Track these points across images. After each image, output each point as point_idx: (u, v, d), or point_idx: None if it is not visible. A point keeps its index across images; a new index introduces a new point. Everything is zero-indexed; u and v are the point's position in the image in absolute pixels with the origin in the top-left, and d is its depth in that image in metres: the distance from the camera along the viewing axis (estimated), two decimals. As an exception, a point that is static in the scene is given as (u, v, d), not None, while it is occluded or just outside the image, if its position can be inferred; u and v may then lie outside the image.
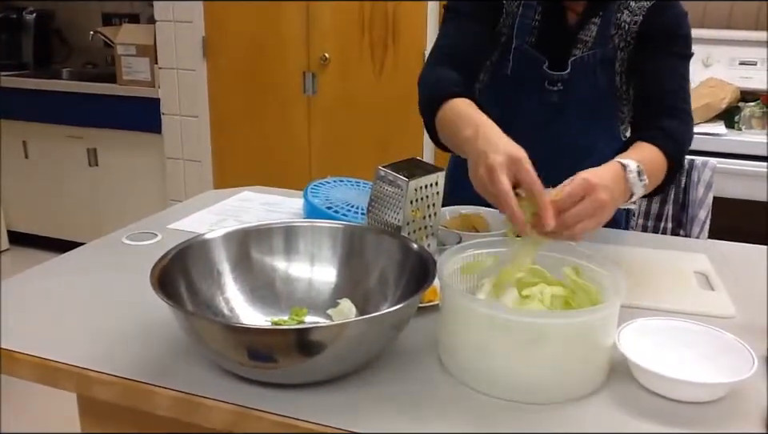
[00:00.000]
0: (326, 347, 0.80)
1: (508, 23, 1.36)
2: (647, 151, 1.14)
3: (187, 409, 0.83)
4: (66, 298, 1.07)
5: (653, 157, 1.13)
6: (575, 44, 1.34)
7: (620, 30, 1.32)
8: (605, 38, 1.32)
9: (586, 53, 1.33)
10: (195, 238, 1.00)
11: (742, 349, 0.86)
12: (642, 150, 1.13)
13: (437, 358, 0.91)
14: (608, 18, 1.32)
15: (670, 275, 1.19)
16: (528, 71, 1.36)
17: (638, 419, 0.80)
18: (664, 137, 1.17)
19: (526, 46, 1.35)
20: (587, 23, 1.33)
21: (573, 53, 1.34)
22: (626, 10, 1.32)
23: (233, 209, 1.49)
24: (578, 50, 1.34)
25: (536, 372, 0.82)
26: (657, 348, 0.89)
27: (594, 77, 1.34)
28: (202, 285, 0.97)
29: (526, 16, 1.35)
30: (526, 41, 1.35)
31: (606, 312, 0.84)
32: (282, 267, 1.04)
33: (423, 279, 0.88)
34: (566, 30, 1.35)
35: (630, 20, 1.31)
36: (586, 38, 1.34)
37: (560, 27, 1.35)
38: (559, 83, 1.34)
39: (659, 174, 1.15)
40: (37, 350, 0.91)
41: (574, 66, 1.33)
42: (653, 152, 1.14)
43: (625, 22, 1.32)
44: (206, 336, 0.84)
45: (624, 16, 1.32)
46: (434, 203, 1.14)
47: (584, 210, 0.92)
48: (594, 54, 1.33)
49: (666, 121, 1.22)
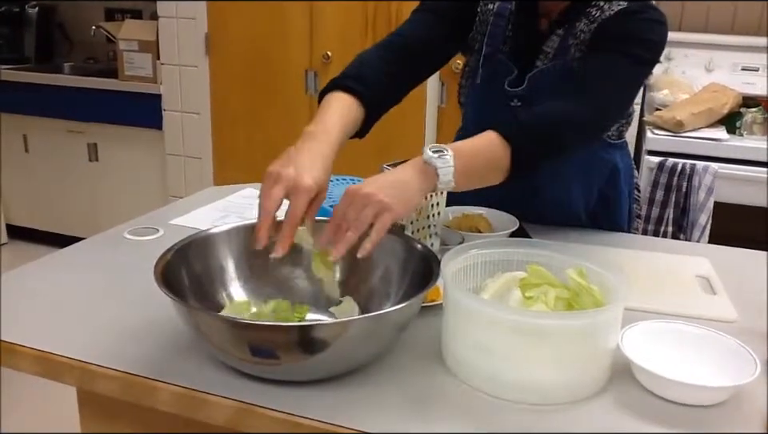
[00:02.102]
0: (329, 344, 0.80)
1: (481, 30, 1.35)
2: (475, 138, 1.06)
3: (189, 405, 0.83)
4: (67, 292, 1.07)
5: (479, 139, 1.05)
6: (538, 55, 1.31)
7: (576, 39, 1.27)
8: (564, 48, 1.28)
9: (545, 65, 1.30)
10: (199, 233, 1.00)
11: (744, 353, 0.86)
12: (471, 139, 1.06)
13: (439, 357, 0.91)
14: (571, 29, 1.28)
15: (673, 279, 1.19)
16: (496, 82, 1.34)
17: (640, 421, 0.80)
18: (506, 119, 1.10)
19: (500, 56, 1.33)
20: (552, 34, 1.30)
21: (536, 65, 1.31)
22: (585, 20, 1.26)
23: (235, 206, 1.48)
24: (540, 62, 1.31)
25: (539, 373, 0.82)
26: (660, 351, 0.89)
27: (555, 90, 1.26)
28: (205, 281, 0.97)
29: (498, 25, 1.33)
30: (500, 50, 1.33)
31: (610, 314, 0.84)
32: (285, 264, 1.04)
33: (427, 279, 0.88)
34: (537, 40, 1.32)
35: (586, 29, 1.26)
36: (548, 50, 1.30)
37: (532, 37, 1.32)
38: (515, 99, 1.32)
39: (488, 150, 1.04)
40: (39, 343, 0.91)
41: (531, 81, 1.30)
42: (482, 135, 1.06)
43: (581, 31, 1.26)
44: (208, 332, 0.84)
45: (582, 25, 1.26)
46: (438, 203, 1.14)
47: (352, 212, 0.90)
48: (554, 65, 1.29)
49: (543, 102, 1.13)
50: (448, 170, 0.96)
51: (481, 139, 1.05)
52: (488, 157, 1.05)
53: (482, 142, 1.05)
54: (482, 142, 1.05)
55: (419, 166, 0.97)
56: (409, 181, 0.95)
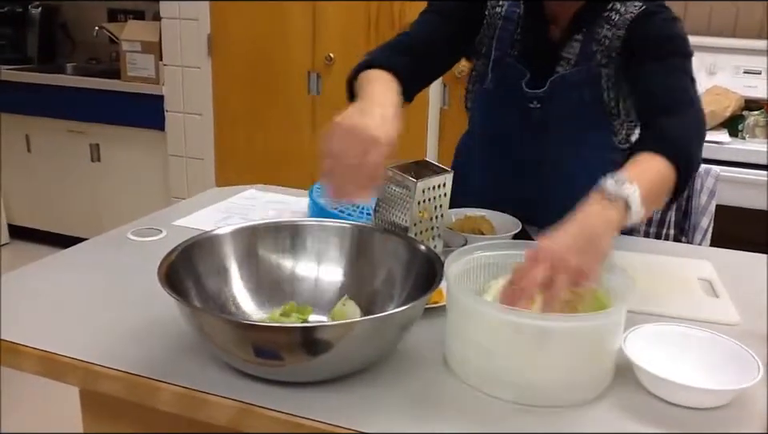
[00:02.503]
0: (333, 346, 0.80)
1: (489, 34, 1.35)
2: (640, 161, 1.05)
3: (192, 405, 0.83)
4: (70, 292, 1.07)
5: (648, 163, 1.05)
6: (558, 61, 1.32)
7: (601, 45, 1.28)
8: (587, 55, 1.29)
9: (568, 71, 1.30)
10: (203, 234, 1.00)
11: (747, 356, 0.86)
12: (635, 163, 1.04)
13: (442, 359, 0.91)
14: (591, 34, 1.29)
15: (675, 282, 1.20)
16: (509, 85, 1.34)
17: (642, 424, 0.80)
18: (658, 139, 1.10)
19: (509, 60, 1.33)
20: (570, 40, 1.30)
21: (555, 70, 1.31)
22: (607, 25, 1.27)
23: (238, 207, 1.49)
24: (561, 68, 1.31)
25: (542, 375, 0.82)
26: (662, 354, 0.89)
27: (579, 94, 1.30)
28: (209, 281, 0.97)
29: (506, 29, 1.33)
30: (509, 53, 1.34)
31: (613, 317, 0.84)
32: (288, 265, 1.04)
33: (430, 280, 0.89)
34: (549, 45, 1.32)
35: (611, 34, 1.27)
36: (569, 56, 1.31)
37: (543, 43, 1.32)
38: (535, 101, 1.32)
39: (661, 176, 1.05)
40: (42, 343, 0.91)
41: (554, 85, 1.30)
42: (647, 159, 1.05)
43: (605, 38, 1.27)
44: (211, 332, 0.84)
45: (604, 31, 1.27)
46: (441, 205, 1.14)
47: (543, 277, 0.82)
48: (579, 71, 1.30)
49: (662, 121, 1.14)
50: (636, 199, 0.91)
51: (649, 164, 1.04)
52: (661, 181, 1.04)
53: (651, 166, 1.03)
54: (652, 167, 1.03)
55: (604, 204, 0.90)
56: (601, 234, 0.88)
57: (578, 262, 0.83)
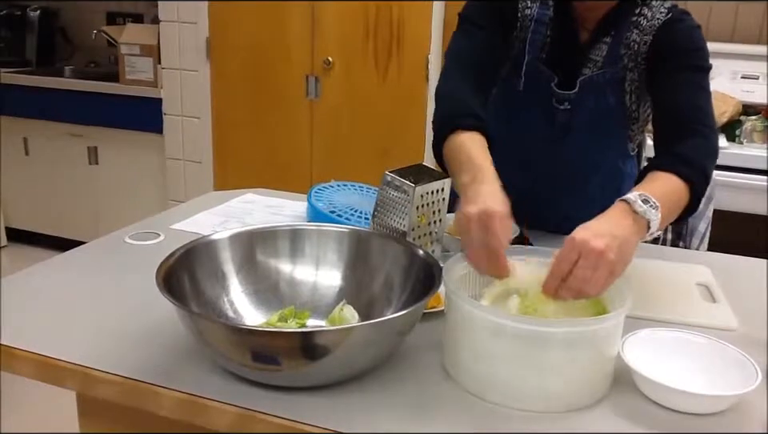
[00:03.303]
0: (331, 351, 0.80)
1: (521, 37, 1.35)
2: (660, 180, 1.08)
3: (190, 410, 0.83)
4: (68, 296, 1.07)
5: (667, 183, 1.08)
6: (585, 63, 1.33)
7: (629, 50, 1.30)
8: (615, 57, 1.31)
9: (595, 72, 1.32)
10: (201, 238, 1.00)
11: (745, 362, 0.86)
12: (654, 180, 1.08)
13: (440, 364, 0.91)
14: (619, 37, 1.30)
15: (673, 287, 1.20)
16: (538, 88, 1.35)
17: (640, 429, 0.80)
18: (678, 161, 1.12)
19: (537, 62, 1.34)
20: (598, 42, 1.32)
21: (582, 72, 1.33)
22: (636, 30, 1.30)
23: (236, 211, 1.48)
24: (588, 69, 1.33)
25: (539, 381, 0.82)
26: (660, 359, 0.89)
27: (604, 97, 1.33)
28: (207, 286, 0.97)
29: (538, 32, 1.33)
30: (538, 57, 1.34)
31: (611, 322, 0.84)
32: (286, 270, 1.04)
33: (429, 285, 0.89)
34: (578, 48, 1.34)
35: (639, 39, 1.29)
36: (596, 58, 1.33)
37: (572, 45, 1.34)
38: (566, 102, 1.34)
39: (677, 197, 1.09)
40: (40, 348, 0.91)
41: (583, 86, 1.32)
42: (666, 179, 1.09)
43: (635, 42, 1.30)
44: (210, 337, 0.84)
45: (633, 35, 1.30)
46: (440, 210, 1.14)
47: (582, 270, 0.86)
48: (604, 73, 1.32)
49: (683, 141, 1.17)
50: (656, 222, 0.97)
51: (666, 183, 1.08)
52: (677, 201, 1.08)
53: (668, 186, 1.07)
54: (670, 187, 1.07)
55: (633, 217, 0.95)
56: (630, 239, 0.93)
57: (614, 259, 0.87)
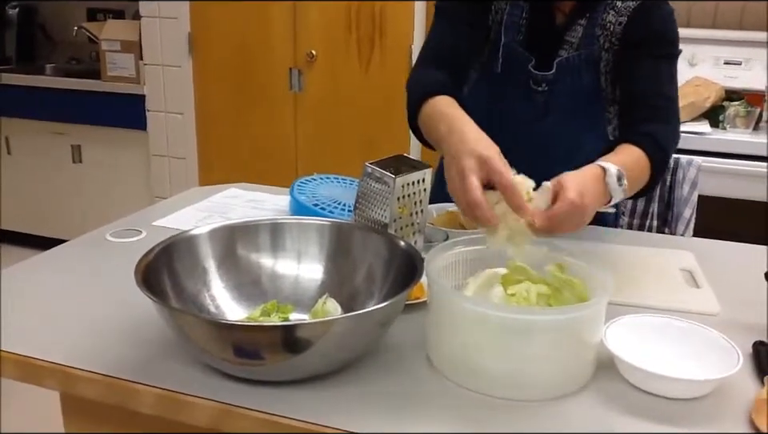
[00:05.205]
0: (313, 344, 0.79)
1: (497, 20, 1.36)
2: (630, 155, 1.14)
3: (172, 407, 0.82)
4: (49, 295, 1.06)
5: (636, 160, 1.13)
6: (561, 45, 1.34)
7: (605, 30, 1.31)
8: (590, 38, 1.32)
9: (571, 54, 1.33)
10: (180, 234, 0.99)
11: (727, 346, 0.87)
12: (626, 154, 1.13)
13: (424, 355, 0.91)
14: (594, 18, 1.31)
15: (656, 273, 1.20)
16: (515, 70, 1.36)
17: (624, 415, 0.80)
18: (649, 140, 1.17)
19: (514, 44, 1.35)
20: (574, 24, 1.33)
21: (559, 53, 1.34)
22: (612, 11, 1.31)
23: (218, 206, 1.47)
24: (564, 51, 1.34)
25: (523, 369, 0.82)
26: (643, 345, 0.89)
27: (579, 78, 1.34)
28: (188, 282, 0.96)
29: (514, 14, 1.34)
30: (515, 39, 1.35)
31: (594, 309, 0.84)
32: (268, 264, 1.03)
33: (410, 276, 0.88)
34: (554, 30, 1.34)
35: (615, 20, 1.30)
36: (572, 39, 1.33)
37: (548, 27, 1.34)
38: (544, 84, 1.34)
39: (642, 177, 1.15)
40: (19, 348, 0.90)
41: (559, 67, 1.33)
42: (636, 155, 1.14)
43: (610, 23, 1.31)
44: (191, 333, 0.83)
45: (609, 17, 1.31)
46: (421, 200, 1.14)
47: (567, 224, 0.94)
48: (579, 54, 1.32)
49: (651, 124, 1.22)
50: (615, 201, 1.04)
51: (639, 163, 1.14)
52: (641, 180, 1.15)
53: (640, 166, 1.14)
54: (642, 167, 1.14)
55: (603, 186, 1.02)
56: (594, 209, 0.99)
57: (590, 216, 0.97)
